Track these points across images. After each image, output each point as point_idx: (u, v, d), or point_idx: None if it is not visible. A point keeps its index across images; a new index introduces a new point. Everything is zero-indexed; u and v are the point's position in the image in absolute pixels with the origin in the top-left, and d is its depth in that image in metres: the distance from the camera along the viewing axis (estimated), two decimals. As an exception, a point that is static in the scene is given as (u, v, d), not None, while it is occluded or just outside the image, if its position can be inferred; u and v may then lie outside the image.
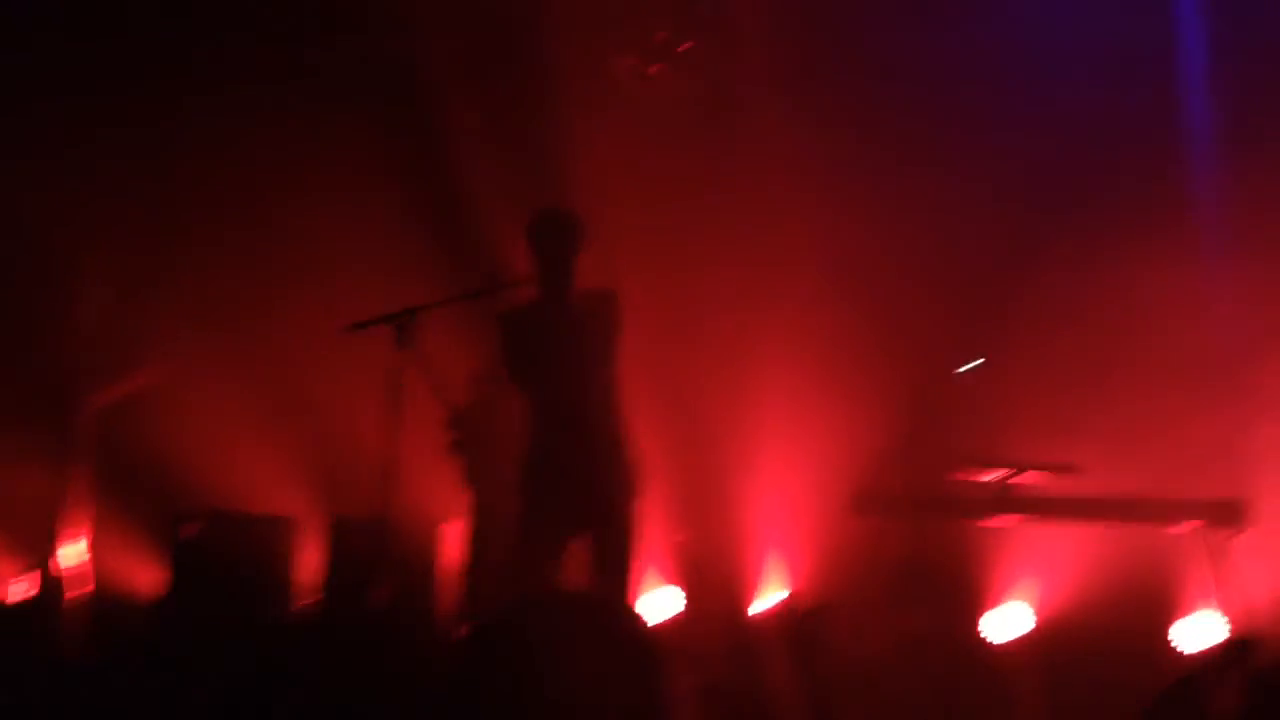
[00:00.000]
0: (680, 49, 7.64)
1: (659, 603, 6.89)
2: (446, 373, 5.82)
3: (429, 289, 5.04)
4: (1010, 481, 6.18)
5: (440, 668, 4.28)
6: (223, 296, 7.48)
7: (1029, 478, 6.20)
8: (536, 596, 4.38)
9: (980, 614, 6.63)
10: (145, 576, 7.26)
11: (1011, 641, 6.58)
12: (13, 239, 7.24)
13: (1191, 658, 6.19)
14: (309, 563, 7.03)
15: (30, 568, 7.34)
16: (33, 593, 7.30)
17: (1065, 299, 6.73)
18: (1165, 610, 6.41)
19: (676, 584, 6.93)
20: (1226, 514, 5.81)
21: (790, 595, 6.95)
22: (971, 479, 6.37)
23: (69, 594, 7.24)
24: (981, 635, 6.58)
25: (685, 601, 6.91)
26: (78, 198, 7.24)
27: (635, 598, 4.93)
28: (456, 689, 3.68)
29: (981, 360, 6.84)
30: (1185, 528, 6.00)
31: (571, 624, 3.73)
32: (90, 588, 7.43)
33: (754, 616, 7.01)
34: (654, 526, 6.72)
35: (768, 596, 7.07)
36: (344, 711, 4.48)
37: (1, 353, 7.45)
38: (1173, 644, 6.33)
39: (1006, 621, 6.61)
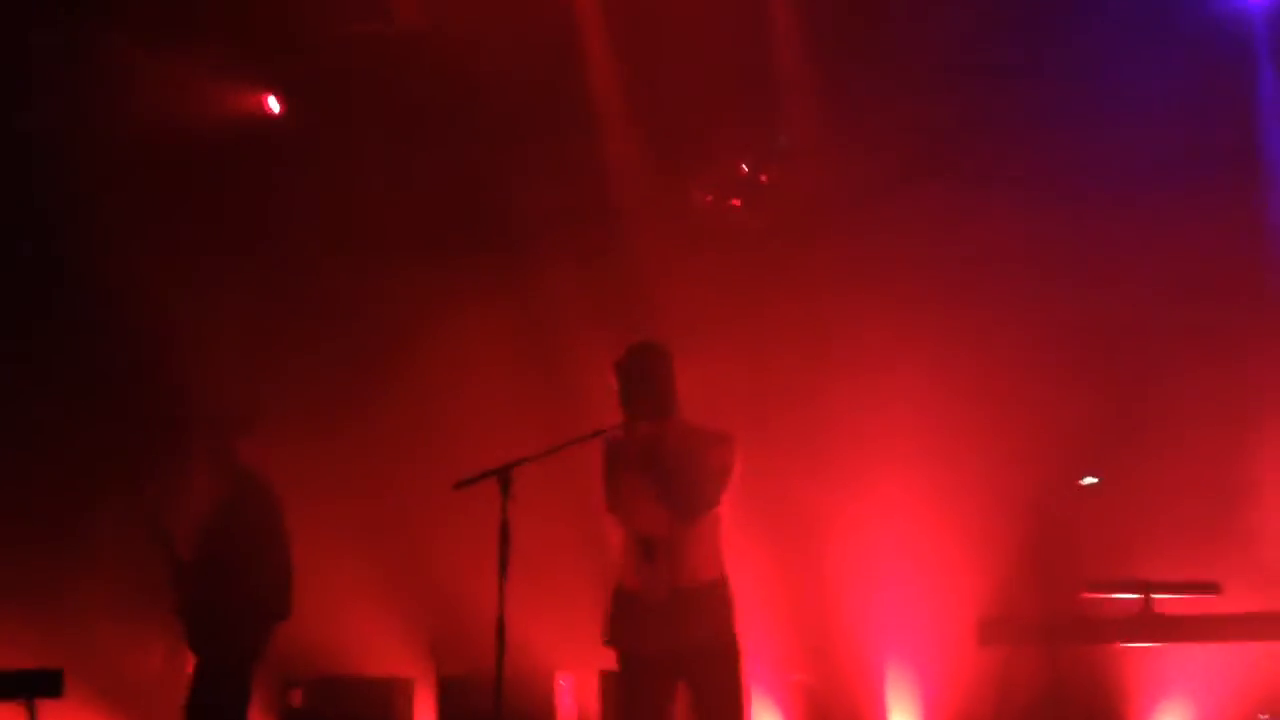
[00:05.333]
0: (760, 180, 7.69)
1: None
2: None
3: (534, 440, 4.95)
4: (1149, 603, 5.89)
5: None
6: (325, 459, 7.52)
7: (1169, 599, 5.91)
8: None
9: (1126, 745, 6.32)
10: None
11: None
12: (116, 400, 7.38)
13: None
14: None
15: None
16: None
17: (1195, 410, 6.53)
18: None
19: (796, 727, 6.68)
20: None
21: (921, 735, 6.67)
22: (1107, 601, 6.10)
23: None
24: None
25: (808, 745, 6.65)
26: (185, 359, 7.37)
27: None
28: None
29: (1095, 479, 6.63)
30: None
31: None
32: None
33: (883, 759, 6.73)
34: (770, 666, 6.56)
35: (896, 736, 6.80)
36: None
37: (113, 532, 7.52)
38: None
39: (1155, 751, 6.28)
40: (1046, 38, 6.90)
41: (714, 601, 4.50)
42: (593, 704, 6.70)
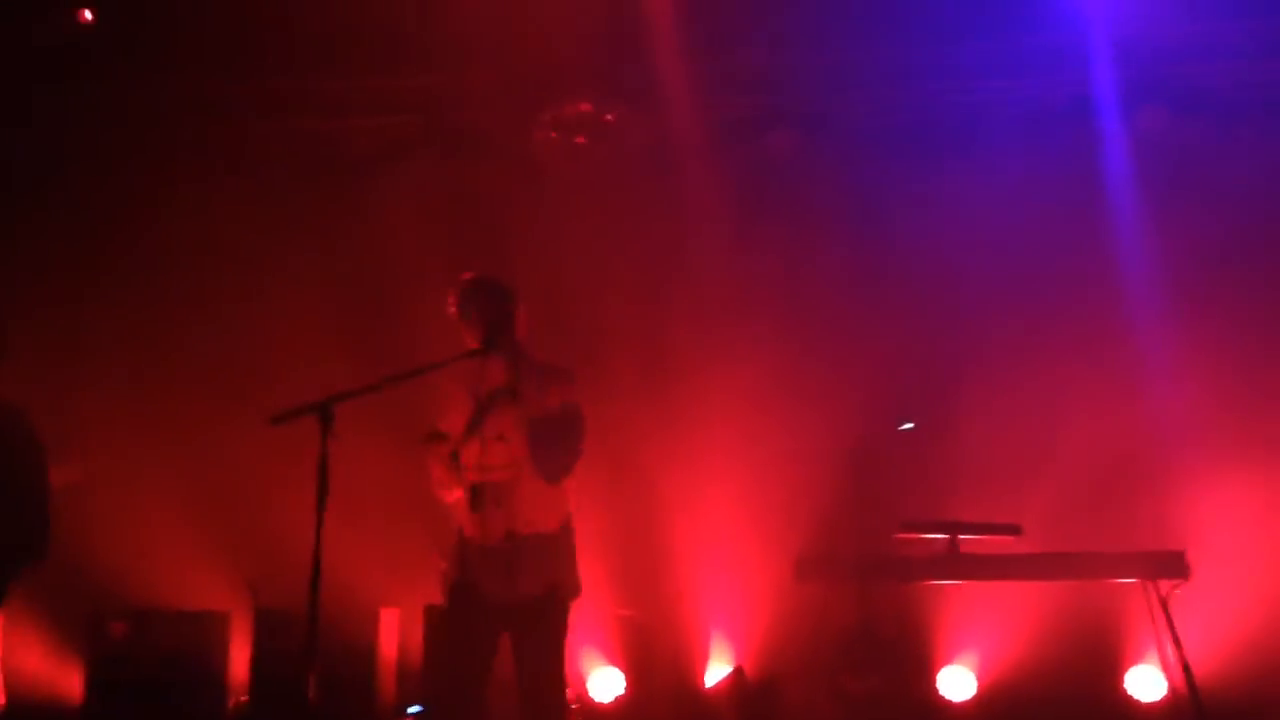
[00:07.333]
0: (605, 119, 7.61)
1: (603, 683, 6.75)
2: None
3: (356, 375, 4.82)
4: (955, 543, 6.17)
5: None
6: (142, 391, 7.22)
7: (974, 539, 6.20)
8: None
9: (930, 675, 6.64)
10: (64, 682, 6.91)
11: (963, 701, 6.59)
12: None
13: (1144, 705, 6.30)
14: (241, 659, 6.76)
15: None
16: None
17: (1005, 363, 6.83)
18: (1113, 662, 6.51)
19: (620, 662, 6.79)
20: (1169, 566, 5.86)
21: (738, 666, 6.86)
22: (916, 542, 6.36)
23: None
24: (933, 697, 6.58)
25: (631, 679, 6.77)
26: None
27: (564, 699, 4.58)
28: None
29: (911, 424, 6.88)
30: (1129, 581, 6.04)
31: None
32: (2, 699, 7.06)
33: (703, 690, 6.91)
34: (595, 603, 6.65)
35: (716, 669, 6.98)
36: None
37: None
38: (1127, 692, 6.43)
39: (957, 682, 6.62)
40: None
41: (555, 549, 4.33)
42: (416, 638, 6.69)
